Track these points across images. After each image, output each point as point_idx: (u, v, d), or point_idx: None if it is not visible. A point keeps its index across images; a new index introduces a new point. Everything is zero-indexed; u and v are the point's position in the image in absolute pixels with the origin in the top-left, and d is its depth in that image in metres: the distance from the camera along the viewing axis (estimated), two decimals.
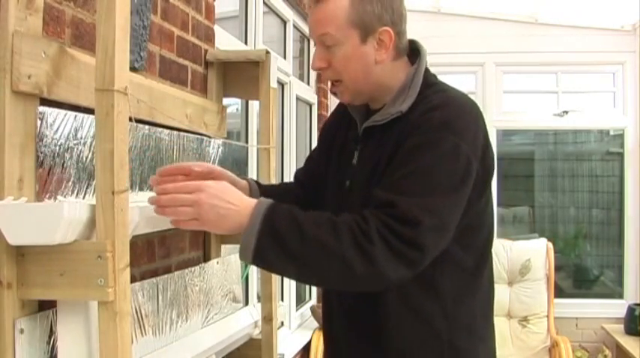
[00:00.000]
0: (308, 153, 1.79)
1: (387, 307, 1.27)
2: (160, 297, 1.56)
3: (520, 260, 3.87)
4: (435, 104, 1.24)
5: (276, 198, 1.26)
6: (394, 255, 1.11)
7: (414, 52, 1.37)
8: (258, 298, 2.31)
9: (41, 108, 1.17)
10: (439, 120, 1.21)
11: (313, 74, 3.94)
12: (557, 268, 4.05)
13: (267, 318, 2.02)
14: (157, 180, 1.25)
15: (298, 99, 3.59)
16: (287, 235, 1.12)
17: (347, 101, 1.37)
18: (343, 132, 1.45)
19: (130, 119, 1.15)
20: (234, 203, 1.14)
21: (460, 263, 1.29)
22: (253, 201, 1.16)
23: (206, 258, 1.99)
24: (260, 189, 1.45)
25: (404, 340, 1.28)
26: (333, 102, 4.12)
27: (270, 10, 3.14)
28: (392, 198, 1.14)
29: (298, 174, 1.65)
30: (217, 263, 1.95)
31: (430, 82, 1.33)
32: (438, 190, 1.17)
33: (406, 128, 1.23)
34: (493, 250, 1.38)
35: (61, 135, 1.21)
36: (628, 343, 3.68)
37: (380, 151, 1.28)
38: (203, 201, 1.13)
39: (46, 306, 1.19)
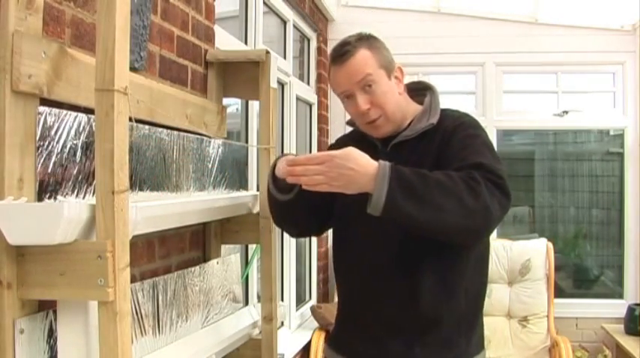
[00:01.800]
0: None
1: (425, 282, 1.53)
2: (160, 297, 1.56)
3: (520, 260, 3.86)
4: (458, 116, 1.62)
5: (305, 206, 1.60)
6: (493, 196, 1.37)
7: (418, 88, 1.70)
8: (258, 298, 2.31)
9: (41, 108, 1.17)
10: (470, 123, 1.58)
11: (313, 74, 3.94)
12: (557, 268, 4.05)
13: (267, 318, 2.02)
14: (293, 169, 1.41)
15: (298, 99, 3.59)
16: (413, 180, 1.35)
17: (386, 133, 1.60)
18: None
19: (130, 119, 1.15)
20: (357, 169, 1.35)
21: (479, 249, 1.61)
22: (374, 165, 1.37)
23: (206, 258, 1.98)
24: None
25: (436, 308, 1.54)
26: (332, 103, 4.12)
27: (270, 10, 3.14)
28: (479, 160, 1.43)
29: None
30: (217, 263, 1.95)
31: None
32: (500, 161, 1.49)
33: (445, 132, 1.55)
34: (493, 250, 1.53)
35: (60, 135, 1.21)
36: (628, 343, 3.67)
37: (421, 153, 1.54)
38: (331, 170, 1.35)
39: (46, 306, 1.19)
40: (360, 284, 1.63)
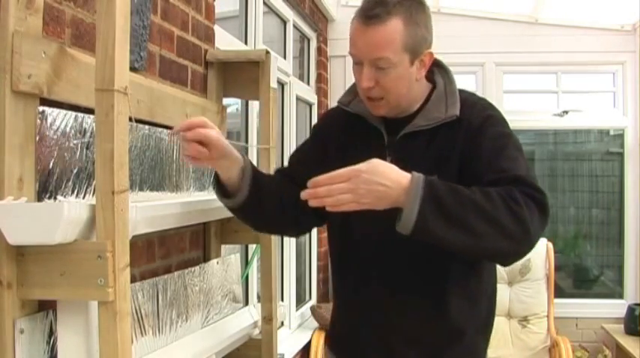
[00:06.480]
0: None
1: (452, 292, 1.43)
2: (160, 297, 1.56)
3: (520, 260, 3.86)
4: (481, 106, 1.44)
5: (265, 187, 1.43)
6: (533, 217, 1.25)
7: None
8: (258, 298, 2.31)
9: (41, 108, 1.17)
10: (497, 118, 1.42)
11: (313, 74, 3.94)
12: (557, 268, 4.05)
13: (267, 318, 2.02)
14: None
15: (298, 99, 3.59)
16: (447, 200, 1.22)
17: (382, 114, 1.45)
18: (344, 139, 1.52)
19: (130, 119, 1.15)
20: (387, 184, 1.22)
21: None
22: (406, 178, 1.23)
23: (206, 258, 1.98)
24: (252, 172, 1.44)
25: (463, 317, 1.45)
26: (332, 103, 4.12)
27: (270, 10, 3.14)
28: (518, 173, 1.30)
29: (287, 171, 1.60)
30: (217, 263, 1.95)
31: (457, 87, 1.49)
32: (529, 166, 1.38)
33: (470, 126, 1.39)
34: None
35: (61, 135, 1.21)
36: (628, 343, 3.67)
37: (439, 148, 1.39)
38: (358, 186, 1.21)
39: (46, 306, 1.19)
40: (375, 296, 1.48)
